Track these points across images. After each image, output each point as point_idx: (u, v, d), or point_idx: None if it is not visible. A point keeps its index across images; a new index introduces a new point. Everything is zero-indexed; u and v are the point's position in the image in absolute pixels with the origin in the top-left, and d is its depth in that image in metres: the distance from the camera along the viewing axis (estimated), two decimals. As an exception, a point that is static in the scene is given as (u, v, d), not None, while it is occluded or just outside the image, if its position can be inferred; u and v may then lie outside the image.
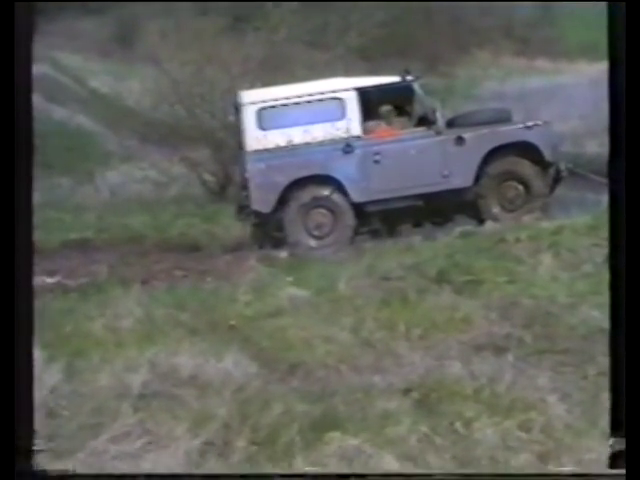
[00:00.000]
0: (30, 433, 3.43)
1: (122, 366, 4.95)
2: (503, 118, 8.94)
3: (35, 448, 3.45)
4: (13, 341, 3.33)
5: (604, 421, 3.74)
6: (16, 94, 3.34)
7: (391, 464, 3.91)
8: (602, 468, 3.53)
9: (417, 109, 9.35)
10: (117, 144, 15.18)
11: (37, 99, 3.62)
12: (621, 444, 3.34)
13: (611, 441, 3.39)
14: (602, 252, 6.40)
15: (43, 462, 3.55)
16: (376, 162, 8.74)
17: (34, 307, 3.48)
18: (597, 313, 5.31)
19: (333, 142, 8.76)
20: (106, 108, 15.75)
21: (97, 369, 4.92)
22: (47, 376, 4.56)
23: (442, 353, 5.12)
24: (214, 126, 13.39)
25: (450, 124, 8.95)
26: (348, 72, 10.86)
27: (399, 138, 8.84)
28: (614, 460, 3.37)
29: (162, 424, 4.28)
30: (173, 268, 7.92)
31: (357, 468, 3.89)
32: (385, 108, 9.01)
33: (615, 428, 3.37)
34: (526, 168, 8.68)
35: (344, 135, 8.77)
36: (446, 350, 5.14)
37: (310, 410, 4.37)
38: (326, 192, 8.74)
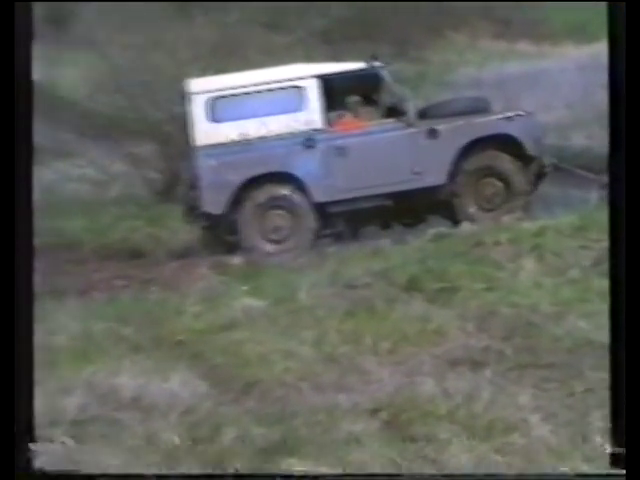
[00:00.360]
0: (30, 432, 3.68)
1: (55, 388, 4.91)
2: (481, 108, 9.01)
3: (35, 448, 3.70)
4: (13, 342, 3.56)
5: (592, 443, 3.80)
6: (16, 94, 3.61)
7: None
8: (602, 468, 3.67)
9: (385, 98, 9.40)
10: (50, 138, 15.03)
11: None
12: (621, 446, 3.55)
13: (611, 442, 3.59)
14: (590, 255, 6.50)
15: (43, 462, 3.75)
16: (340, 157, 8.77)
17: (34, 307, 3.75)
18: (584, 323, 5.39)
19: (293, 136, 8.77)
20: (37, 97, 15.57)
21: (27, 392, 4.87)
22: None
23: (413, 369, 5.15)
24: (160, 118, 13.30)
25: (422, 115, 9.00)
26: (309, 58, 10.88)
27: (366, 131, 8.87)
28: (614, 460, 3.59)
29: (101, 452, 4.25)
30: (114, 277, 7.87)
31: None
32: (351, 98, 9.04)
33: (615, 430, 3.58)
34: (506, 163, 8.76)
35: (305, 128, 8.78)
36: (418, 365, 5.18)
37: (267, 434, 4.38)
38: (285, 191, 8.74)
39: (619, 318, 3.58)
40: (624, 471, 3.57)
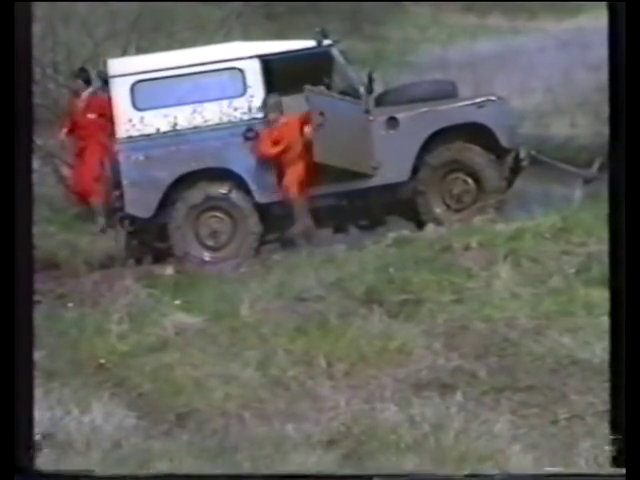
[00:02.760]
0: (30, 433, 4.02)
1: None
2: (447, 93, 9.10)
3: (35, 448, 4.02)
4: (13, 342, 3.93)
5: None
6: (16, 93, 3.91)
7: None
8: (602, 468, 3.76)
9: (337, 82, 9.44)
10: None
11: None
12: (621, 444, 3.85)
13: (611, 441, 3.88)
14: (573, 261, 6.61)
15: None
16: (287, 150, 8.81)
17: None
18: (568, 339, 5.49)
19: (231, 125, 8.78)
20: None
21: None
22: None
23: (373, 394, 5.21)
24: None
25: (380, 101, 9.07)
26: (248, 35, 10.89)
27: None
28: (614, 460, 3.93)
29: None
30: (22, 292, 7.80)
31: None
32: (272, 99, 8.90)
33: (615, 428, 3.91)
34: (476, 156, 8.86)
35: (245, 116, 8.80)
36: (378, 390, 5.24)
37: (205, 470, 4.39)
38: (223, 190, 8.75)
39: (619, 322, 3.91)
40: (624, 471, 3.86)
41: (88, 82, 9.78)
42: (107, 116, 9.67)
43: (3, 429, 3.82)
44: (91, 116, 9.47)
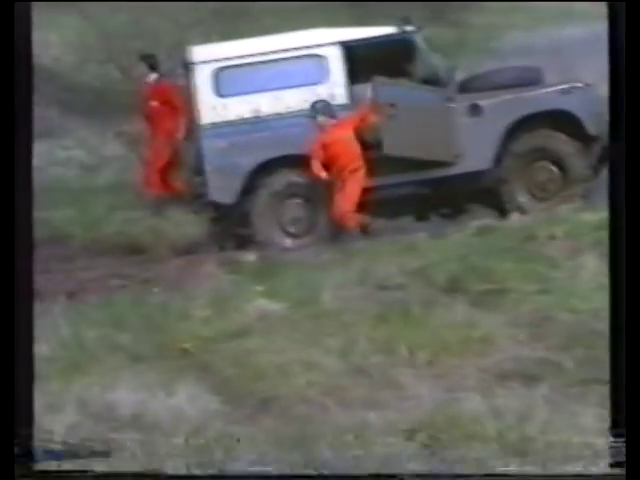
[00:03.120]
0: (30, 433, 4.08)
1: (42, 404, 4.96)
2: (532, 79, 9.00)
3: (35, 448, 4.05)
4: (13, 342, 3.95)
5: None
6: (16, 93, 3.99)
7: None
8: (602, 468, 3.84)
9: (420, 69, 9.40)
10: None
11: None
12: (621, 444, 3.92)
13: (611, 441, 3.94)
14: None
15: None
16: (368, 138, 8.79)
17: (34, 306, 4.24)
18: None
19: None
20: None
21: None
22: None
23: (456, 383, 5.18)
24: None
25: (463, 88, 9.01)
26: (331, 21, 10.88)
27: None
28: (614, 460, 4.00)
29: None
30: (108, 276, 7.93)
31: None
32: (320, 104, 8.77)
33: (615, 428, 4.02)
34: (562, 144, 8.76)
35: (326, 103, 8.81)
36: (461, 379, 5.21)
37: (287, 457, 4.42)
38: (304, 177, 8.77)
39: (619, 315, 4.07)
40: (624, 471, 3.93)
41: (154, 68, 9.87)
42: (171, 103, 9.78)
43: (3, 427, 3.90)
44: (154, 104, 9.57)
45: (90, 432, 4.81)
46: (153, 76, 9.85)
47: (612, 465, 4.01)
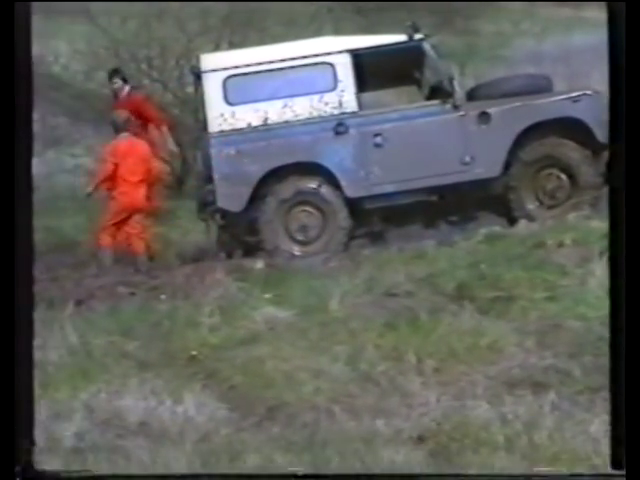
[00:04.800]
0: (30, 433, 4.07)
1: (50, 411, 4.97)
2: (541, 87, 8.99)
3: (35, 448, 4.07)
4: (13, 341, 3.93)
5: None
6: (16, 94, 3.96)
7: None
8: (602, 468, 3.87)
9: (429, 76, 9.41)
10: (40, 123, 15.17)
11: None
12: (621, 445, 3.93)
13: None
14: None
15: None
16: (377, 145, 8.79)
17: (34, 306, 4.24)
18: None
19: (321, 120, 8.80)
20: (25, 77, 15.73)
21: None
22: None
23: (464, 391, 5.17)
24: (167, 100, 13.39)
25: (472, 96, 9.00)
26: (339, 29, 10.91)
27: (406, 114, 8.88)
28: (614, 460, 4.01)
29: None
30: (116, 284, 7.94)
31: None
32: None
33: (615, 428, 4.01)
34: (571, 152, 8.75)
35: (335, 111, 8.81)
36: (469, 387, 5.20)
37: (294, 464, 4.41)
38: (313, 184, 8.78)
39: (619, 317, 4.02)
40: (624, 471, 3.93)
41: (125, 81, 10.01)
42: (142, 116, 9.88)
43: (3, 429, 3.90)
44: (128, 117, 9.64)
45: (97, 439, 4.81)
46: (125, 89, 9.99)
47: (612, 465, 3.99)
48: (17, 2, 3.91)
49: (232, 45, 12.39)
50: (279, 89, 8.81)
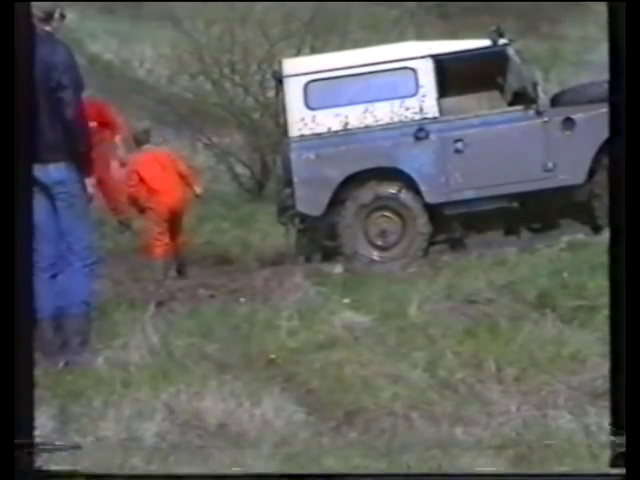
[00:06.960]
0: (30, 433, 3.99)
1: (131, 411, 5.03)
2: (626, 93, 8.86)
3: (35, 448, 4.01)
4: (13, 341, 3.88)
5: None
6: (17, 94, 3.89)
7: None
8: (602, 468, 3.90)
9: (512, 82, 9.34)
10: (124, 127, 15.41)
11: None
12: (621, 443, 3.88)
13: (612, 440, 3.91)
14: None
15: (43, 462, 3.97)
16: (458, 151, 8.75)
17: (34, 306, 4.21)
18: None
19: (402, 125, 8.80)
20: (109, 79, 15.99)
21: (99, 415, 5.01)
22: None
23: (546, 400, 5.10)
24: (248, 104, 13.53)
25: (556, 102, 8.91)
26: (421, 34, 10.88)
27: (488, 120, 8.82)
28: (614, 460, 3.95)
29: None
30: (197, 286, 8.02)
31: None
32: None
33: (616, 427, 3.95)
34: (657, 159, 8.60)
35: (416, 116, 8.80)
36: (551, 397, 5.13)
37: (373, 469, 4.40)
38: (393, 190, 8.77)
39: (619, 319, 4.04)
40: (624, 471, 3.86)
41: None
42: (107, 124, 9.97)
43: (3, 429, 3.87)
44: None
45: (177, 439, 4.86)
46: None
47: (612, 465, 3.94)
48: (17, 2, 3.92)
49: (314, 50, 12.47)
50: (360, 94, 8.82)
